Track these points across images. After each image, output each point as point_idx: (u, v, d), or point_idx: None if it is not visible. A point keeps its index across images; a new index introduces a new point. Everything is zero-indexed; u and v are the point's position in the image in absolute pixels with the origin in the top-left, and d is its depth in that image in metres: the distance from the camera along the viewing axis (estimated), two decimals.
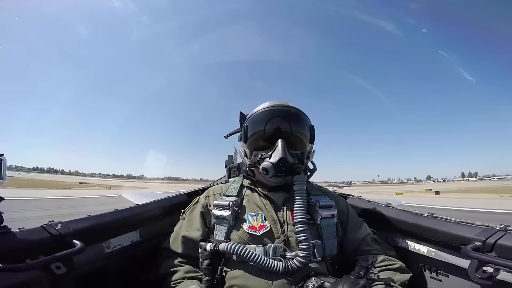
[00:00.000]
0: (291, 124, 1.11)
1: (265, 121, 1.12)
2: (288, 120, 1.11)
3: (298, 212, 1.01)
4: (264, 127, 1.11)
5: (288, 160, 1.04)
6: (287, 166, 1.04)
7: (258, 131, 1.14)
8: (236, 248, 0.99)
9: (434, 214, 1.18)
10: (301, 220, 1.00)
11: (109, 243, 1.15)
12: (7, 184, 0.91)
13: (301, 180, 1.05)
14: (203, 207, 1.21)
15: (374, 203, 1.48)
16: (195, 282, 1.04)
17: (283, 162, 1.03)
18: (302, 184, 1.05)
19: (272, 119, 1.11)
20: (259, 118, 1.15)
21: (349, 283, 0.83)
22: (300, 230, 0.99)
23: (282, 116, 1.11)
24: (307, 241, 0.98)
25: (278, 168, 1.04)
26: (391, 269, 1.06)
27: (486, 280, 0.85)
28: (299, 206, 1.02)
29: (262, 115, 1.14)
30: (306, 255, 0.97)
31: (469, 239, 0.95)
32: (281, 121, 1.11)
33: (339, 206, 1.21)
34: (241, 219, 1.10)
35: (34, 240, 0.85)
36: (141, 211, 1.37)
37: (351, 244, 1.17)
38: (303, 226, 0.99)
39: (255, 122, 1.15)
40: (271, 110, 1.14)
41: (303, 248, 0.98)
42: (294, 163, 1.05)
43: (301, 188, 1.04)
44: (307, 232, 0.99)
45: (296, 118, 1.14)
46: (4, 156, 0.85)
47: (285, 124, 1.10)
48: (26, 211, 8.88)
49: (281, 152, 1.03)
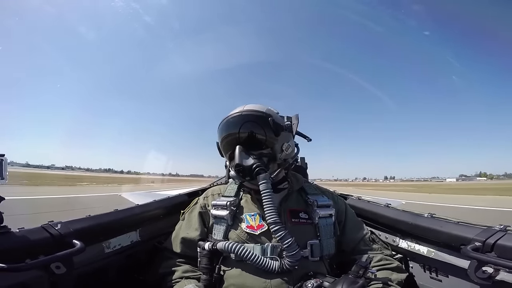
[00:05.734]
0: (243, 128, 1.10)
1: (223, 134, 1.14)
2: (240, 125, 1.10)
3: (268, 212, 0.98)
4: (225, 139, 1.13)
5: (243, 164, 1.03)
6: (244, 170, 1.03)
7: (222, 144, 1.17)
8: (234, 247, 0.99)
9: (434, 214, 1.17)
10: (274, 219, 0.97)
11: (109, 243, 1.15)
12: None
13: (265, 179, 1.01)
14: (201, 208, 1.22)
15: (374, 203, 1.48)
16: (193, 281, 1.05)
17: (239, 168, 1.03)
18: (267, 182, 1.01)
19: (227, 130, 1.13)
20: (220, 134, 1.17)
21: (348, 282, 0.82)
22: (275, 229, 0.97)
23: (235, 124, 1.11)
24: (285, 238, 0.96)
25: (238, 174, 1.05)
26: (388, 269, 1.07)
27: (486, 281, 0.85)
28: (269, 206, 0.98)
29: (221, 130, 1.16)
30: (293, 253, 0.96)
31: (469, 239, 0.94)
32: (234, 128, 1.11)
33: (337, 206, 1.22)
34: (239, 219, 1.11)
35: (34, 240, 0.85)
36: (141, 211, 1.37)
37: (349, 243, 1.17)
38: (276, 225, 0.97)
39: (219, 137, 1.18)
40: (225, 123, 1.15)
41: (285, 247, 0.96)
42: (253, 164, 1.03)
43: (266, 187, 1.00)
44: (282, 230, 0.96)
45: (249, 120, 1.11)
46: (5, 156, 0.86)
47: (237, 130, 1.10)
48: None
49: (237, 158, 1.04)
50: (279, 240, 0.97)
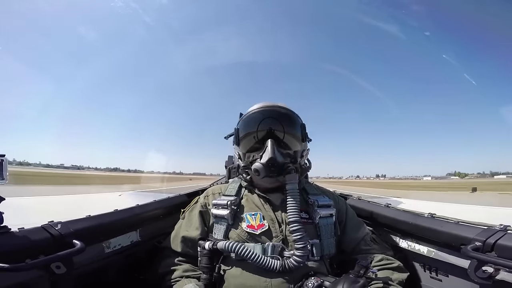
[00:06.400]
0: (280, 124, 1.11)
1: (255, 122, 1.12)
2: (278, 120, 1.11)
3: (291, 212, 1.01)
4: (255, 129, 1.12)
5: (278, 159, 1.03)
6: (277, 166, 1.03)
7: (248, 133, 1.14)
8: (234, 246, 0.99)
9: (434, 214, 1.17)
10: (295, 219, 1.00)
11: (109, 243, 1.15)
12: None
13: (293, 179, 1.04)
14: (202, 207, 1.22)
15: (374, 203, 1.48)
16: (193, 280, 1.05)
17: (272, 162, 1.02)
18: (294, 183, 1.04)
19: (262, 120, 1.12)
20: (249, 120, 1.15)
21: (349, 282, 0.83)
22: (295, 229, 0.99)
23: (272, 117, 1.12)
24: (302, 239, 0.98)
25: (268, 169, 1.04)
26: (389, 268, 1.07)
27: (486, 280, 0.85)
28: (292, 206, 1.01)
29: (252, 117, 1.14)
30: (302, 254, 0.97)
31: (469, 239, 0.95)
32: (270, 121, 1.11)
33: (338, 206, 1.22)
34: (239, 218, 1.11)
35: (34, 240, 0.85)
36: (141, 211, 1.37)
37: (350, 243, 1.17)
38: (298, 225, 0.99)
39: (245, 125, 1.16)
40: (261, 112, 1.14)
41: (299, 247, 0.98)
42: (285, 162, 1.05)
43: (293, 188, 1.04)
44: (301, 231, 0.99)
45: (286, 118, 1.14)
46: (5, 157, 0.85)
47: (274, 125, 1.10)
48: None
49: (270, 152, 1.03)
50: (297, 240, 0.98)
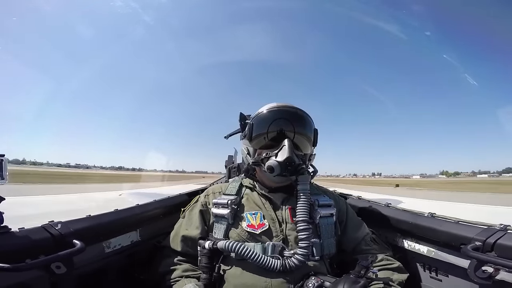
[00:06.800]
0: (297, 126, 1.13)
1: (272, 120, 1.13)
2: (295, 122, 1.13)
3: (301, 211, 1.02)
4: (271, 127, 1.13)
5: (294, 160, 1.05)
6: (293, 165, 1.04)
7: (266, 130, 1.14)
8: (234, 246, 0.99)
9: (434, 214, 1.17)
10: (304, 218, 1.00)
11: (109, 243, 1.15)
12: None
13: (305, 180, 1.06)
14: (202, 206, 1.21)
15: (374, 203, 1.48)
16: (193, 280, 1.05)
17: (289, 161, 1.04)
18: (306, 184, 1.06)
19: (279, 119, 1.13)
20: (266, 118, 1.15)
21: (349, 282, 0.82)
22: (302, 228, 0.99)
23: (290, 118, 1.13)
24: (307, 239, 0.98)
25: (284, 167, 1.04)
26: (389, 269, 1.07)
27: (486, 280, 0.85)
28: (303, 205, 1.02)
29: (270, 115, 1.15)
30: (305, 253, 0.98)
31: (469, 239, 0.95)
32: (288, 122, 1.12)
33: (338, 205, 1.22)
34: (240, 218, 1.11)
35: (34, 240, 0.85)
36: (141, 211, 1.37)
37: (350, 243, 1.17)
38: (305, 224, 1.00)
39: (262, 121, 1.16)
40: (279, 111, 1.15)
41: (302, 246, 0.98)
42: (299, 163, 1.07)
43: (305, 188, 1.05)
44: (308, 231, 0.99)
45: (302, 121, 1.16)
46: (5, 157, 0.85)
47: (291, 126, 1.12)
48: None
49: (288, 151, 1.04)
50: (302, 240, 0.99)
